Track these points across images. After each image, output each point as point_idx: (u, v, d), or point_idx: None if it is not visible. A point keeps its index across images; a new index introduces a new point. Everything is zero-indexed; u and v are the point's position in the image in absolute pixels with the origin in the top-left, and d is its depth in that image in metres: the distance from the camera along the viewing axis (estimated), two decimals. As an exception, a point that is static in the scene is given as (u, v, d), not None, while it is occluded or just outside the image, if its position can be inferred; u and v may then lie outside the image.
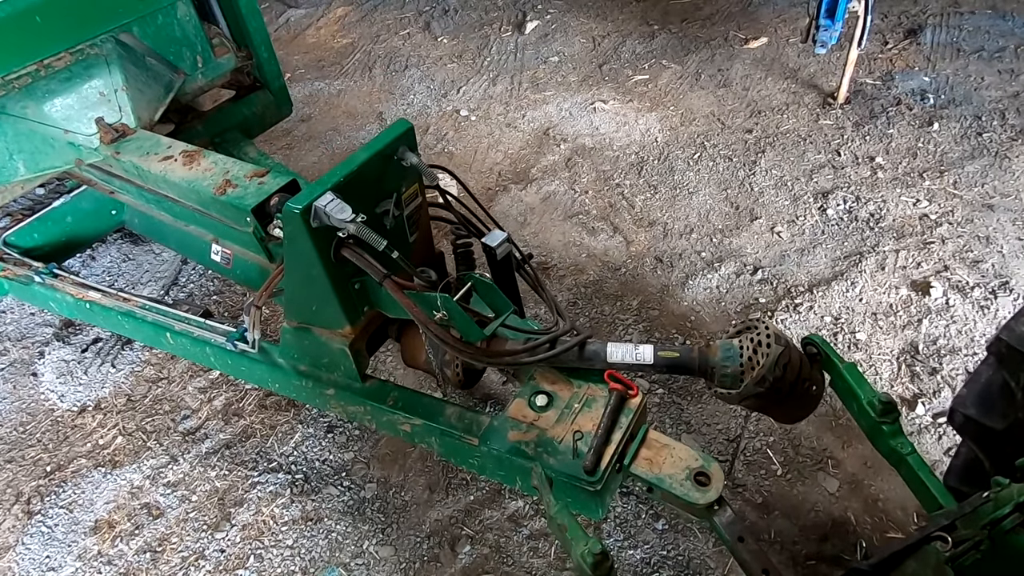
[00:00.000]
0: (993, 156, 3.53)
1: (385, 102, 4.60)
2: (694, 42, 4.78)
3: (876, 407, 1.72)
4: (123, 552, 2.35)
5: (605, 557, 1.37)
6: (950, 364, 2.58)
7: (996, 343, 1.53)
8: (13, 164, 2.56)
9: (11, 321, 3.23)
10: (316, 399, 2.16)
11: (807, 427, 2.41)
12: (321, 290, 1.83)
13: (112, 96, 2.56)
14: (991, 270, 2.93)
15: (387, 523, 2.34)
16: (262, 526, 2.37)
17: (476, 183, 3.76)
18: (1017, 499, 1.29)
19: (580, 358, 1.85)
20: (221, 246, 2.46)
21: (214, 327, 2.25)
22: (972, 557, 1.34)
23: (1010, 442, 1.52)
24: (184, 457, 2.61)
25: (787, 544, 2.14)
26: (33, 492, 2.56)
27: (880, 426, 1.72)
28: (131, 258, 3.48)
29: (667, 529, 2.22)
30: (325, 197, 1.62)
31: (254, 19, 3.02)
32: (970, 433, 1.68)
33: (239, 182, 2.17)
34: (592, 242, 3.34)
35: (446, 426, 1.91)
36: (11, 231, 2.84)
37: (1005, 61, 4.18)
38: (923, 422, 2.42)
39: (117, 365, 2.97)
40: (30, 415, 2.83)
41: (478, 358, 1.81)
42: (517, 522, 2.29)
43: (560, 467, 1.71)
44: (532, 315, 2.86)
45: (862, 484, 2.27)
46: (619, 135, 4.02)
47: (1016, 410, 1.51)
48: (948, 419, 1.73)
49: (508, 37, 5.12)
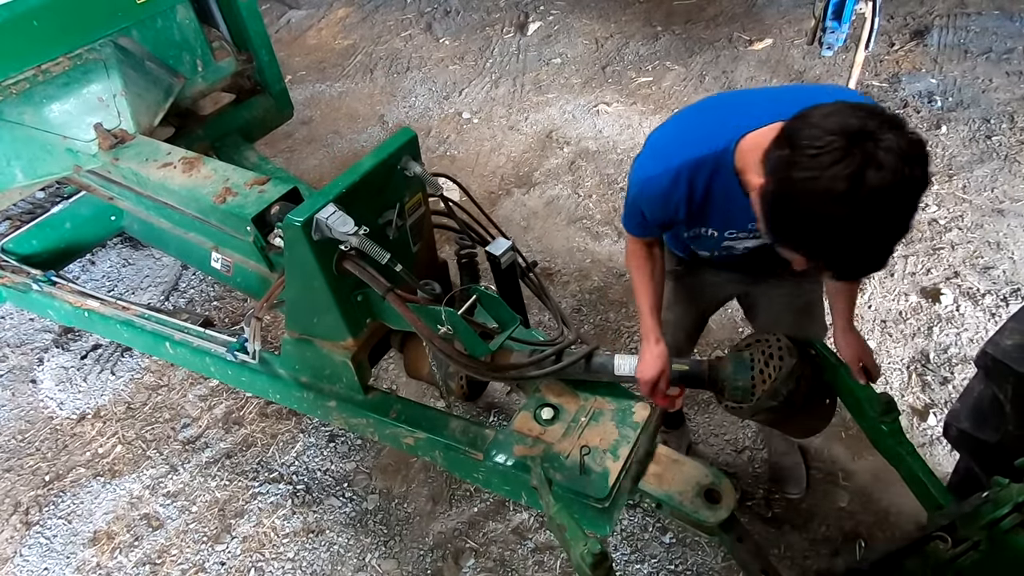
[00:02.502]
0: (1003, 160, 3.49)
1: (387, 104, 4.56)
2: (698, 43, 4.73)
3: (876, 407, 1.70)
4: (122, 564, 2.32)
5: (604, 557, 1.34)
6: (961, 373, 2.54)
7: (983, 357, 1.52)
8: (11, 171, 2.53)
9: (10, 327, 3.21)
10: (318, 411, 2.12)
11: (817, 439, 2.37)
12: (323, 302, 1.79)
13: (111, 101, 2.53)
14: (1002, 276, 2.89)
15: (390, 535, 2.31)
16: (263, 538, 2.34)
17: (478, 187, 3.73)
18: (1016, 499, 1.28)
19: (587, 371, 1.81)
20: (221, 254, 2.43)
21: (214, 337, 2.21)
22: (972, 557, 1.33)
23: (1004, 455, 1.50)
24: (184, 467, 2.58)
25: (797, 559, 2.11)
26: (32, 502, 2.53)
27: (880, 426, 1.70)
28: (131, 263, 3.45)
29: (675, 543, 2.18)
30: (327, 209, 1.58)
31: (254, 22, 2.99)
32: (965, 447, 1.68)
33: (239, 190, 2.14)
34: (596, 247, 3.31)
35: (450, 440, 1.87)
36: (9, 238, 2.81)
37: (1013, 63, 4.14)
38: (935, 433, 2.38)
39: (117, 372, 2.94)
40: (29, 423, 2.80)
41: (483, 372, 1.77)
42: (522, 535, 2.26)
43: (567, 483, 1.68)
44: (536, 322, 2.82)
45: (872, 497, 2.24)
46: (623, 138, 3.98)
47: (1007, 423, 1.51)
48: (944, 434, 1.73)
49: (510, 38, 5.08)
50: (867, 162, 1.05)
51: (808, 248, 1.19)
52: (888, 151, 1.05)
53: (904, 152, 1.06)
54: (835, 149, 1.07)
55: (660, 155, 1.52)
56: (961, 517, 1.38)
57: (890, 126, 1.08)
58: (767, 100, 1.49)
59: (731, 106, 1.55)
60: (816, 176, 1.08)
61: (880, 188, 1.06)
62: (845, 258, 1.16)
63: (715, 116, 1.52)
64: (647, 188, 1.52)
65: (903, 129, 1.09)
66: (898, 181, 1.06)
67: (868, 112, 1.09)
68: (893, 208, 1.09)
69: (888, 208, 1.08)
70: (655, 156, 1.53)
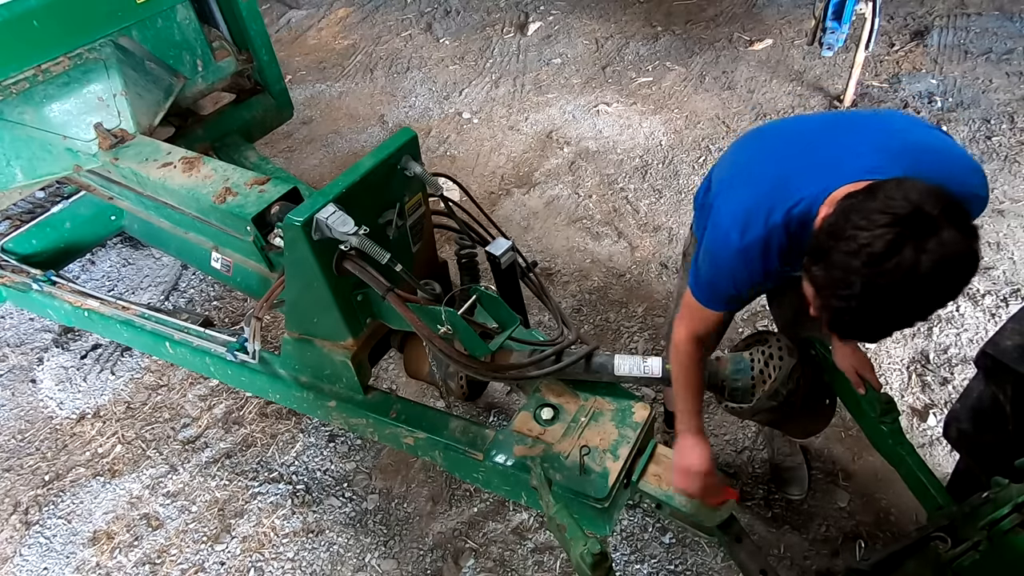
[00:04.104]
0: (1003, 160, 3.49)
1: (387, 104, 4.56)
2: (698, 44, 4.73)
3: (876, 407, 1.70)
4: (122, 564, 2.32)
5: (604, 557, 1.35)
6: (961, 374, 2.54)
7: (983, 357, 1.53)
8: (11, 171, 2.53)
9: (10, 326, 3.20)
10: (317, 411, 2.12)
11: (817, 439, 2.37)
12: (322, 302, 1.79)
13: (111, 101, 2.53)
14: (1002, 277, 2.89)
15: (389, 535, 2.30)
16: (263, 538, 2.34)
17: (479, 187, 3.73)
18: (1016, 499, 1.29)
19: (587, 371, 1.81)
20: (221, 254, 2.43)
21: (214, 336, 2.21)
22: (971, 557, 1.34)
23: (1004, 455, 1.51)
24: (184, 466, 2.58)
25: (797, 559, 2.11)
26: (31, 502, 2.53)
27: (880, 426, 1.71)
28: (131, 263, 3.45)
29: (674, 543, 2.18)
30: (327, 209, 1.58)
31: (255, 22, 2.99)
32: (965, 447, 1.69)
33: (239, 190, 2.14)
34: (596, 247, 3.31)
35: (450, 440, 1.87)
36: (9, 237, 2.81)
37: (1013, 63, 4.14)
38: (935, 433, 2.38)
39: (116, 372, 2.94)
40: (29, 423, 2.80)
41: (483, 373, 1.77)
42: (522, 535, 2.25)
43: (567, 483, 1.68)
44: (536, 322, 2.82)
45: (873, 497, 2.24)
46: (623, 138, 3.98)
47: (1006, 423, 1.51)
48: (944, 434, 1.73)
49: (510, 39, 5.08)
50: (913, 243, 1.04)
51: (820, 293, 1.17)
52: (939, 246, 1.04)
53: (948, 257, 1.04)
54: (896, 216, 1.06)
55: (747, 216, 1.37)
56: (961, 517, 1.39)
57: (952, 222, 1.06)
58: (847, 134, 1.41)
59: (811, 146, 1.43)
60: (865, 227, 1.07)
61: (909, 271, 1.04)
62: (844, 314, 1.15)
63: (799, 158, 1.40)
64: (741, 257, 1.37)
65: (963, 232, 1.06)
66: (926, 277, 1.04)
67: (937, 198, 1.07)
68: (911, 298, 1.08)
69: (906, 296, 1.08)
70: (737, 218, 1.38)
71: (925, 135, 1.41)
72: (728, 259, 1.39)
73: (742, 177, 1.47)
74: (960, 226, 1.06)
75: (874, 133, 1.41)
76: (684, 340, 1.56)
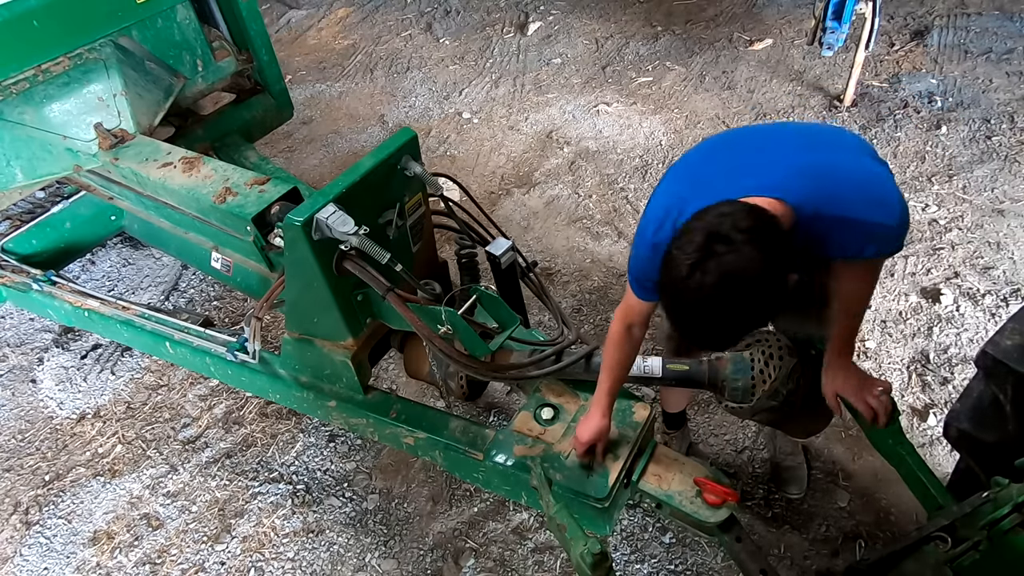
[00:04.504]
0: (1003, 160, 3.49)
1: (387, 104, 4.56)
2: (698, 44, 4.73)
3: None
4: (122, 564, 2.32)
5: (604, 557, 1.35)
6: (962, 373, 2.54)
7: (983, 357, 1.53)
8: (11, 171, 2.53)
9: (10, 327, 3.20)
10: (317, 411, 2.12)
11: (817, 439, 2.36)
12: (323, 302, 1.79)
13: (111, 101, 2.53)
14: (1002, 277, 2.89)
15: (390, 535, 2.30)
16: (263, 538, 2.34)
17: (479, 187, 3.73)
18: (1016, 499, 1.29)
19: (587, 371, 1.81)
20: (221, 254, 2.43)
21: (214, 336, 2.21)
22: (971, 557, 1.34)
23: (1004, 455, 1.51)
24: (184, 466, 2.58)
25: (797, 559, 2.11)
26: (31, 502, 2.53)
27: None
28: (131, 263, 3.45)
29: (674, 543, 2.18)
30: (327, 209, 1.59)
31: (255, 22, 2.99)
32: (965, 447, 1.68)
33: (239, 190, 2.14)
34: (596, 247, 3.30)
35: (450, 440, 1.88)
36: (9, 237, 2.81)
37: (1013, 63, 4.14)
38: (935, 433, 2.38)
39: (117, 372, 2.94)
40: (29, 423, 2.80)
41: (483, 373, 1.77)
42: (522, 535, 2.25)
43: (567, 483, 1.68)
44: (536, 322, 2.82)
45: (873, 497, 2.24)
46: (623, 138, 3.98)
47: (1006, 423, 1.51)
48: (944, 434, 1.73)
49: (510, 39, 5.08)
50: (703, 265, 1.18)
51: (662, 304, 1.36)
52: (719, 264, 1.17)
53: (729, 272, 1.17)
54: (696, 243, 1.20)
55: (663, 214, 1.46)
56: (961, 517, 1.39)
57: (755, 243, 1.17)
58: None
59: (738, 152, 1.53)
60: (681, 249, 1.22)
61: (699, 289, 1.19)
62: (677, 325, 1.33)
63: (718, 167, 1.50)
64: (654, 251, 1.42)
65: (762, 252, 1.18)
66: (709, 293, 1.19)
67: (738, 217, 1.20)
68: (702, 310, 1.23)
69: (703, 313, 1.23)
70: (657, 213, 1.48)
71: (848, 161, 1.44)
72: (645, 250, 1.48)
73: (678, 174, 1.57)
74: (762, 247, 1.17)
75: (797, 152, 1.48)
76: (615, 323, 1.68)
